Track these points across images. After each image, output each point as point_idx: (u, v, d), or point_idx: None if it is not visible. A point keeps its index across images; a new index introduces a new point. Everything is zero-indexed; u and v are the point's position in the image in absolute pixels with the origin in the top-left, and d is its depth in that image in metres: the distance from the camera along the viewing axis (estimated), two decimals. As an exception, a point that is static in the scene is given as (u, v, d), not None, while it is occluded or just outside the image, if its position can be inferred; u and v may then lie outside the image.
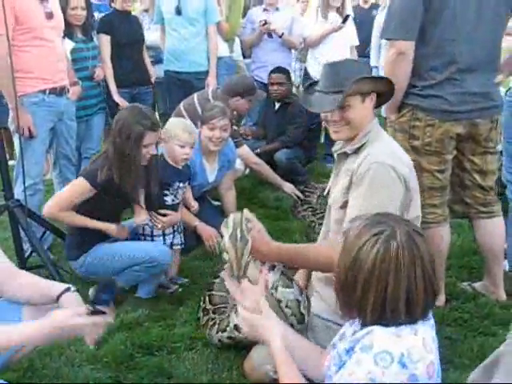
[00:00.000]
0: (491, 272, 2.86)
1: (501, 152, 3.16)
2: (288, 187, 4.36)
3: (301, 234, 3.83)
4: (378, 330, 1.36)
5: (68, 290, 1.96)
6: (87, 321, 1.76)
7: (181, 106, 4.12)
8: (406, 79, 2.55)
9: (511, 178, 3.07)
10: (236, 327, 2.30)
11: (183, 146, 3.04)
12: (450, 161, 2.65)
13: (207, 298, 2.72)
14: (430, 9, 2.43)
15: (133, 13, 4.77)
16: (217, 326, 2.49)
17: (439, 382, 1.38)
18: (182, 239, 3.19)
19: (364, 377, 1.31)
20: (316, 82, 2.23)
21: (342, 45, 5.16)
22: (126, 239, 2.96)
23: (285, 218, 4.17)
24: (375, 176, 1.96)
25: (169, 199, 3.08)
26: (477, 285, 2.94)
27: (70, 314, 1.75)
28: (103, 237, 2.89)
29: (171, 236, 3.08)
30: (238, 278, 1.72)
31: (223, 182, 3.88)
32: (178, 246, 3.16)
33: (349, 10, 5.32)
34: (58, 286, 1.99)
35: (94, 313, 1.76)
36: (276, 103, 5.01)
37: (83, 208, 2.82)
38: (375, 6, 6.76)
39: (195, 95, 4.14)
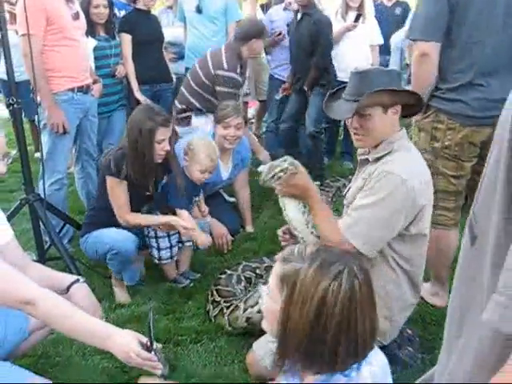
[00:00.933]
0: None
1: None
2: (264, 155, 4.32)
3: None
4: None
5: (77, 281, 2.06)
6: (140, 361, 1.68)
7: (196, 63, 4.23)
8: (429, 80, 2.54)
9: None
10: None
11: (203, 172, 3.15)
12: (469, 168, 2.62)
13: (215, 292, 2.84)
14: (455, 10, 2.40)
15: (152, 11, 4.84)
16: (242, 305, 2.62)
17: None
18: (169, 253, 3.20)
19: None
20: (341, 89, 2.24)
21: (360, 43, 5.16)
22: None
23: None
24: (382, 182, 1.98)
25: None
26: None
27: (129, 349, 1.67)
28: (110, 221, 2.98)
29: (177, 235, 3.15)
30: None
31: (238, 179, 3.97)
32: (189, 243, 3.22)
33: (369, 9, 5.32)
34: (68, 278, 2.10)
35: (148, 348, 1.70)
36: (298, 14, 4.83)
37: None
38: (399, 4, 6.66)
39: (208, 54, 4.18)
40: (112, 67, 4.26)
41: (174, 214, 3.06)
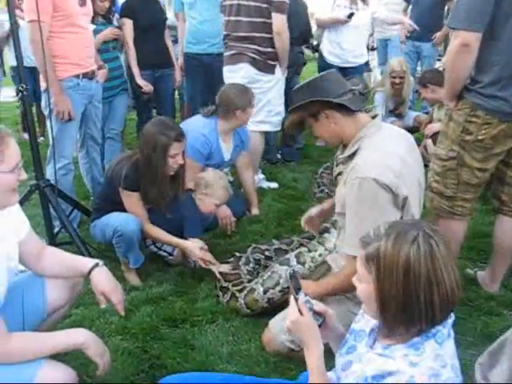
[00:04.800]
0: (495, 268, 2.88)
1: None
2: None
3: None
4: (409, 370, 1.32)
5: (97, 265, 2.11)
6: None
7: None
8: (466, 71, 2.47)
9: None
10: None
11: (218, 205, 3.24)
12: (496, 161, 2.60)
13: (221, 278, 2.92)
14: (502, 3, 2.31)
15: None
16: (260, 287, 2.69)
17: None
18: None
19: None
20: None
21: (358, 30, 5.23)
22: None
23: (301, 199, 4.30)
24: (359, 193, 2.00)
25: None
26: (479, 273, 3.00)
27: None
28: (116, 208, 3.03)
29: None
30: None
31: (240, 161, 4.01)
32: (172, 256, 3.28)
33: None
34: (88, 262, 2.14)
35: None
36: None
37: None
38: None
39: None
40: (111, 50, 4.29)
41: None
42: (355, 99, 2.13)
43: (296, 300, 1.59)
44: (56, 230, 3.38)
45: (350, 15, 5.06)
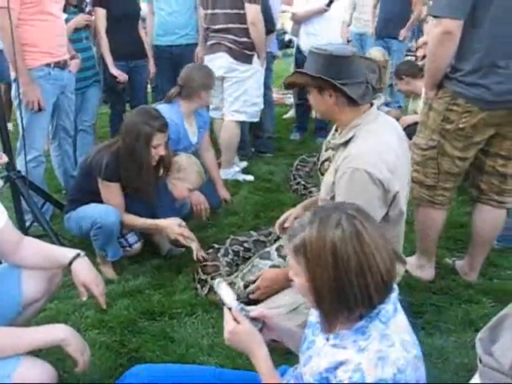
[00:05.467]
0: (474, 257, 2.90)
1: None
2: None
3: (293, 206, 3.93)
4: (357, 357, 1.28)
5: (78, 255, 2.04)
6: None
7: None
8: (448, 60, 2.46)
9: None
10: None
11: (191, 190, 3.20)
12: (476, 150, 2.60)
13: (200, 270, 2.86)
14: None
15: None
16: (240, 281, 2.65)
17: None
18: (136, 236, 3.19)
19: None
20: None
21: (334, 21, 5.24)
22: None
23: (277, 191, 4.28)
24: (350, 182, 1.98)
25: None
26: (457, 262, 3.02)
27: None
28: (95, 201, 2.95)
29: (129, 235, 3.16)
30: None
31: (201, 143, 3.93)
32: (137, 244, 3.18)
33: None
34: (68, 252, 2.06)
35: None
36: None
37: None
38: None
39: None
40: (84, 40, 4.19)
41: None
42: (367, 92, 2.07)
43: (229, 309, 1.55)
44: (28, 223, 3.28)
45: (330, 3, 5.07)
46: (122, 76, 4.49)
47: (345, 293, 1.30)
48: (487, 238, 2.84)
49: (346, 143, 2.09)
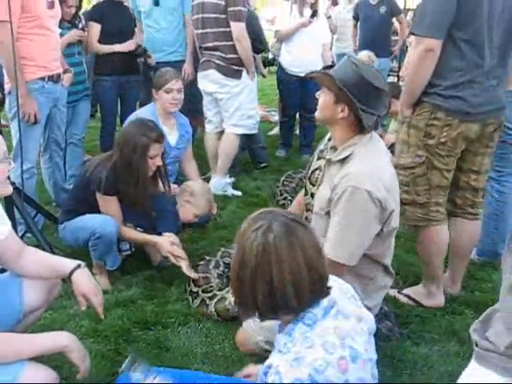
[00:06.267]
0: (455, 270, 2.96)
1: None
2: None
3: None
4: (278, 360, 1.41)
5: (79, 266, 2.09)
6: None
7: None
8: (428, 77, 2.54)
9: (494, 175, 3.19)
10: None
11: (197, 216, 3.34)
12: (455, 161, 2.68)
13: (191, 282, 2.92)
14: (462, 10, 2.42)
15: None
16: (231, 296, 2.61)
17: (364, 369, 1.43)
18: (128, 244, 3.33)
19: None
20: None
21: (315, 39, 5.40)
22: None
23: (265, 205, 4.32)
24: (350, 200, 2.06)
25: None
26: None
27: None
28: (91, 211, 3.01)
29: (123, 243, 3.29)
30: None
31: (184, 154, 3.99)
32: (128, 252, 3.34)
33: (321, 7, 5.58)
34: (69, 263, 2.11)
35: None
36: None
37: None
38: (383, 2, 6.80)
39: None
40: (76, 55, 4.28)
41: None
42: (375, 124, 2.17)
43: None
44: (20, 234, 3.31)
45: (314, 13, 5.23)
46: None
47: (255, 297, 1.45)
48: (465, 250, 2.93)
49: (343, 161, 2.17)
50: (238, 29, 4.26)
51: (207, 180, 4.58)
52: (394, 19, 7.06)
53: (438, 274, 2.86)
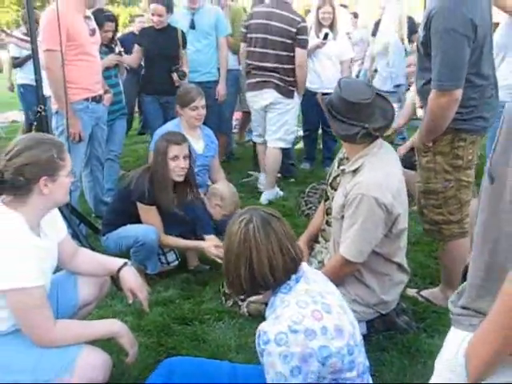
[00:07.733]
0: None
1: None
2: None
3: (305, 228, 4.25)
4: (264, 326, 1.63)
5: (125, 264, 2.37)
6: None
7: None
8: (451, 118, 2.60)
9: None
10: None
11: (226, 216, 3.53)
12: None
13: (225, 284, 3.14)
14: (474, 50, 2.53)
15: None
16: None
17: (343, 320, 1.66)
18: (175, 255, 3.59)
19: (279, 361, 1.56)
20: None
21: (331, 57, 5.66)
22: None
23: (291, 215, 4.59)
24: (359, 206, 2.34)
25: None
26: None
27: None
28: (130, 221, 3.28)
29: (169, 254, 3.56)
30: None
31: (211, 167, 4.17)
32: (175, 262, 3.58)
33: (342, 27, 5.83)
34: (117, 261, 2.39)
35: None
36: None
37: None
38: None
39: None
40: (113, 77, 4.63)
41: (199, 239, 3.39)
42: (362, 135, 2.42)
43: None
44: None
45: (326, 35, 5.49)
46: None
47: (239, 276, 1.73)
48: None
49: (355, 171, 2.46)
50: (303, 56, 4.76)
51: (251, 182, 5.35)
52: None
53: (457, 279, 2.91)
